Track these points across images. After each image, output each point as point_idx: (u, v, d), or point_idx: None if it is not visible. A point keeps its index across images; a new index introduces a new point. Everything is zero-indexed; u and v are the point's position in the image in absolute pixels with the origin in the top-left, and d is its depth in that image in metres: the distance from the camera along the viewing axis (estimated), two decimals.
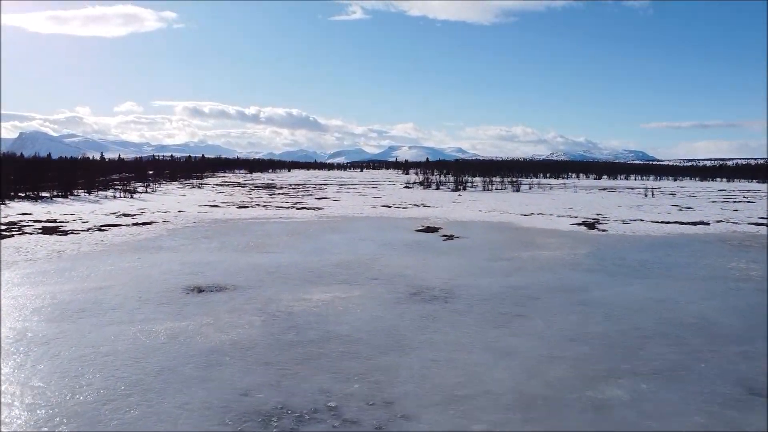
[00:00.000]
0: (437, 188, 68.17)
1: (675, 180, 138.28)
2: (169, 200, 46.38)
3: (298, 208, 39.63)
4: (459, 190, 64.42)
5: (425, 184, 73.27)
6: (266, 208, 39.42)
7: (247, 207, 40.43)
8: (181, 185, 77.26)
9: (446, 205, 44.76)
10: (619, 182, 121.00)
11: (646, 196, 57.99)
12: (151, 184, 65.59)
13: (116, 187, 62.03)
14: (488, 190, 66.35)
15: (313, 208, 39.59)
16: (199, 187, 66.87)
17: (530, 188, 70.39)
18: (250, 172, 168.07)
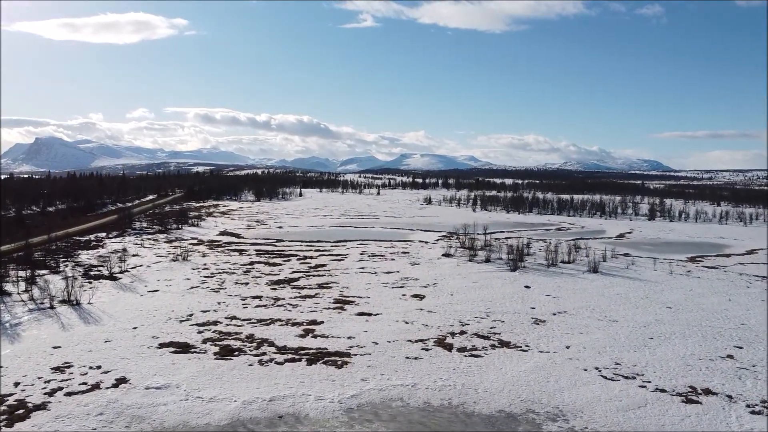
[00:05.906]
0: (487, 261, 53.23)
1: (745, 223, 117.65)
2: (109, 333, 31.84)
3: (309, 360, 25.01)
4: (518, 268, 49.47)
5: (470, 249, 58.41)
6: (260, 380, 24.80)
7: (231, 361, 25.79)
8: (167, 242, 62.67)
9: (528, 332, 30.29)
10: (684, 228, 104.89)
11: None
12: (119, 257, 51.26)
13: (56, 266, 47.95)
14: (554, 265, 51.27)
15: (334, 361, 24.93)
16: (185, 258, 52.04)
17: (604, 260, 55.00)
18: (258, 199, 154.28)
